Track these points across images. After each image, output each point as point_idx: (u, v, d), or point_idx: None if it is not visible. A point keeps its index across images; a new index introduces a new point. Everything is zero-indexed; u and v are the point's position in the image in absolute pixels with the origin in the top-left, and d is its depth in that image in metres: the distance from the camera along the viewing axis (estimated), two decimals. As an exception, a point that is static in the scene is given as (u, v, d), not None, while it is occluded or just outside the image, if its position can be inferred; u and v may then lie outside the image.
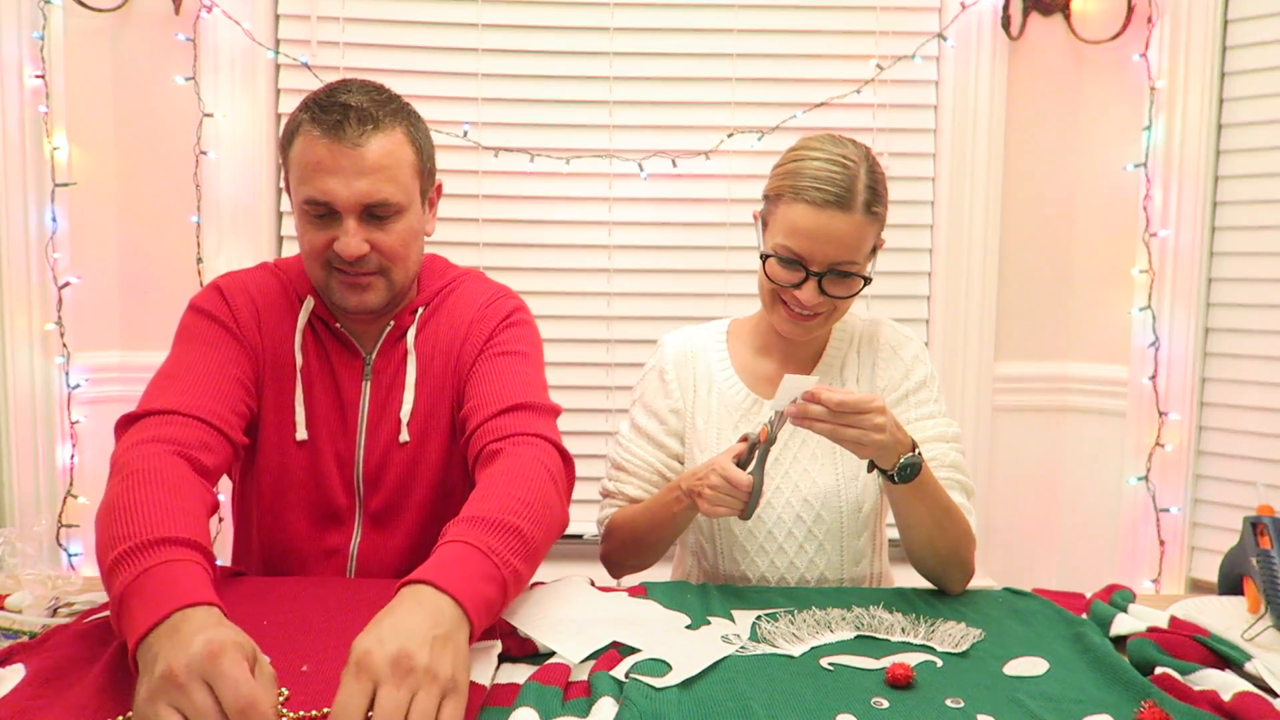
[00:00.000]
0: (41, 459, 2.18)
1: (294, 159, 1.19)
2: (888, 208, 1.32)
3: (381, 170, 1.17)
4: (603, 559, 1.45)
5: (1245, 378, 2.21)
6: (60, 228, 2.17)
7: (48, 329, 2.17)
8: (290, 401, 1.27)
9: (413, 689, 0.79)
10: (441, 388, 1.30)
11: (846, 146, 1.29)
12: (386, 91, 1.24)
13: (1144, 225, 2.30)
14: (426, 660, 0.80)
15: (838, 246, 1.25)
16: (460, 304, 1.34)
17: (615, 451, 1.45)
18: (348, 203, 1.17)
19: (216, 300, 1.27)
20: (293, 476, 1.27)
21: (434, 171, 1.30)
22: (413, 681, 0.79)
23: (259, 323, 1.27)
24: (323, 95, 1.18)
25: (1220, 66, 2.21)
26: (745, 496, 1.19)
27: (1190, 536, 2.29)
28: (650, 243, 2.39)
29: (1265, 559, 1.11)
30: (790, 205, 1.26)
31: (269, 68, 2.29)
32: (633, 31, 2.34)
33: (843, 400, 1.13)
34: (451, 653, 0.84)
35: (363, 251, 1.18)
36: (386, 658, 0.79)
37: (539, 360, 1.34)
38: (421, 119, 1.28)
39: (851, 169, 1.25)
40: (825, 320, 1.33)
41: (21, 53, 2.11)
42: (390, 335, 1.30)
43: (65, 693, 0.88)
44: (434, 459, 1.29)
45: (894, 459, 1.17)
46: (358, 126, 1.15)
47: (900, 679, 0.95)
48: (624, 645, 1.02)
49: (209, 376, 1.18)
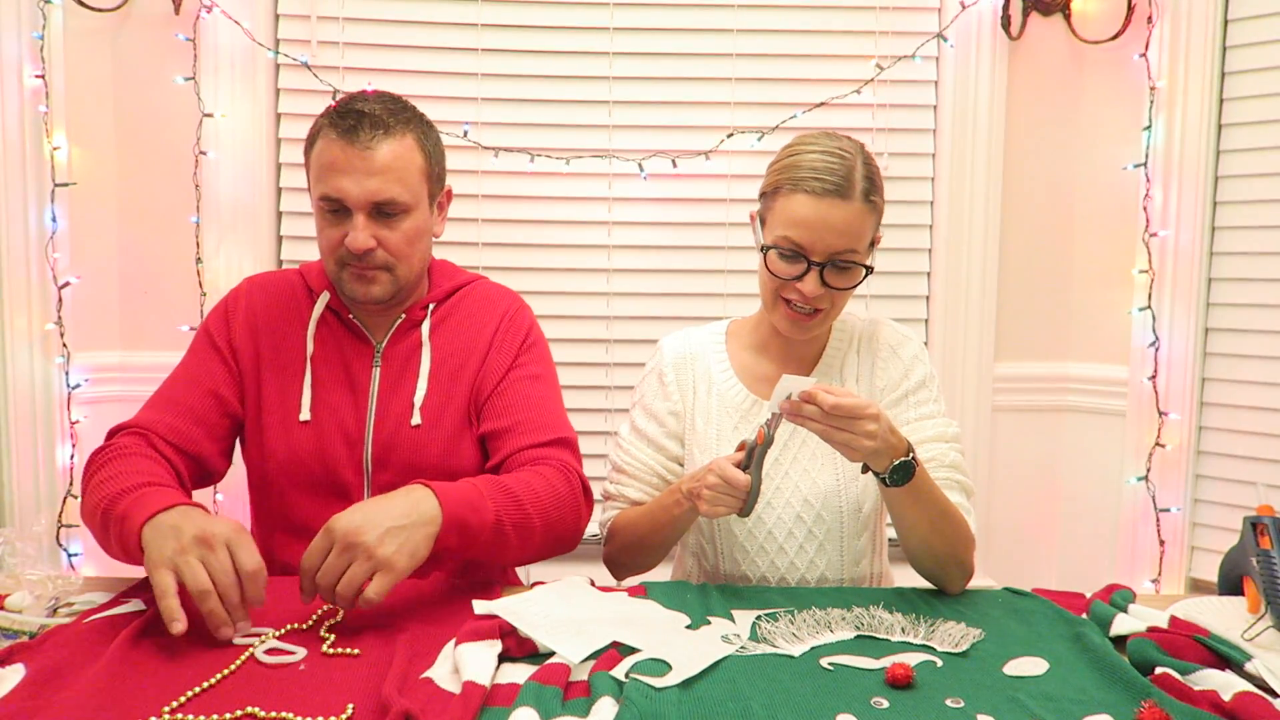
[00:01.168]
0: (41, 459, 2.18)
1: (313, 160, 1.32)
2: (884, 200, 1.33)
3: (390, 171, 1.28)
4: (605, 561, 1.45)
5: (1245, 378, 2.21)
6: (60, 228, 2.17)
7: (48, 329, 2.17)
8: (298, 387, 1.37)
9: (349, 559, 1.04)
10: (456, 384, 1.39)
11: (841, 140, 1.32)
12: (402, 101, 1.36)
13: (1144, 225, 2.29)
14: (371, 540, 1.04)
15: (838, 235, 1.26)
16: (478, 308, 1.45)
17: (616, 454, 1.46)
18: (358, 200, 1.28)
19: (219, 319, 1.42)
20: (299, 455, 1.36)
21: (443, 177, 1.41)
22: (350, 554, 1.04)
23: (258, 327, 1.40)
24: (343, 103, 1.32)
25: (1220, 66, 2.21)
26: (744, 495, 1.20)
27: (1190, 536, 2.29)
28: (650, 243, 2.39)
29: (1265, 559, 1.11)
30: (790, 197, 1.28)
31: (269, 68, 2.29)
32: (633, 31, 2.34)
33: (838, 403, 1.13)
34: (399, 540, 1.06)
35: (370, 245, 1.29)
36: (342, 529, 1.05)
37: (555, 377, 1.47)
38: (434, 128, 1.39)
39: (848, 159, 1.28)
40: (824, 318, 1.33)
41: (21, 53, 2.11)
42: (402, 326, 1.40)
43: (65, 693, 0.88)
44: (442, 444, 1.37)
45: (886, 462, 1.17)
46: (370, 131, 1.28)
47: (900, 679, 0.96)
48: (624, 645, 1.02)
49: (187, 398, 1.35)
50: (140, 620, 1.04)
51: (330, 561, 1.03)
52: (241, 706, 0.88)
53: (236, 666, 0.96)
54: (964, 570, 1.28)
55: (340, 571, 1.03)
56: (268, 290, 1.44)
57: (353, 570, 1.03)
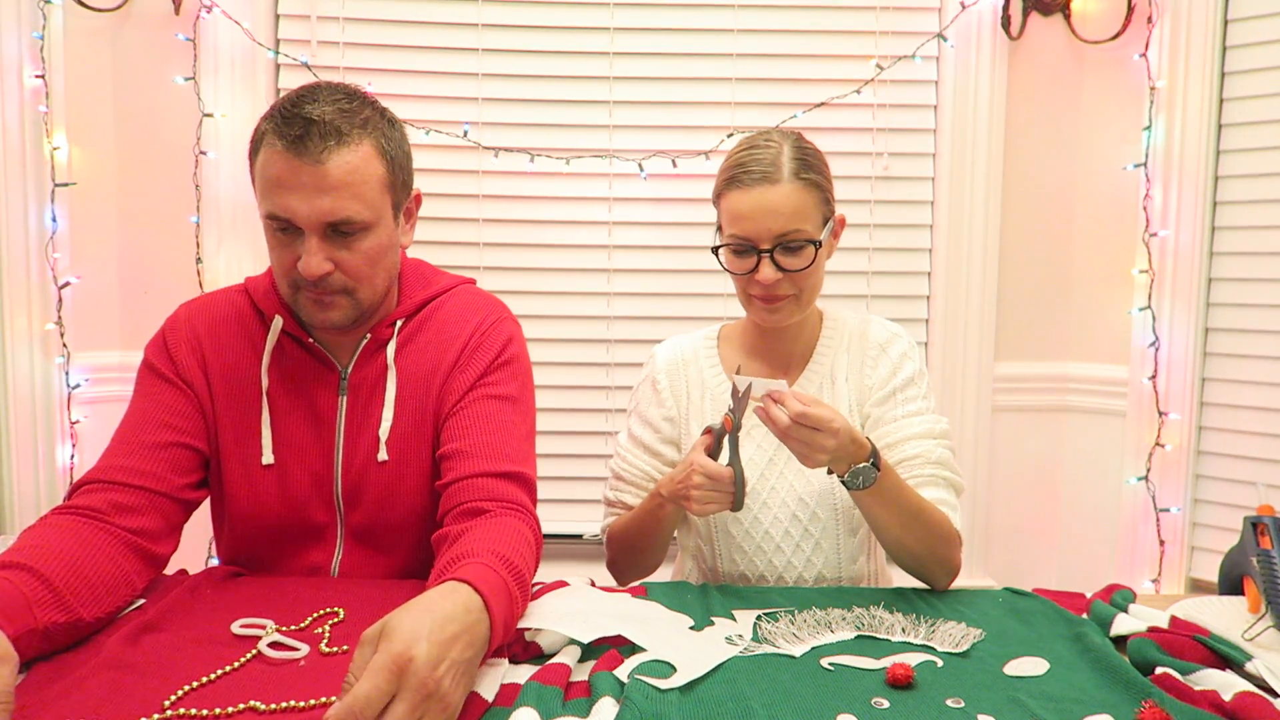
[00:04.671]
0: (41, 459, 2.18)
1: (258, 171, 1.15)
2: (830, 180, 1.35)
3: (345, 187, 1.12)
4: (608, 567, 1.47)
5: (1245, 378, 2.21)
6: (60, 228, 2.17)
7: (48, 329, 2.17)
8: (256, 426, 1.23)
9: (424, 711, 0.81)
10: (423, 408, 1.25)
11: (770, 133, 1.36)
12: (358, 98, 1.16)
13: (1144, 225, 2.30)
14: (447, 686, 0.83)
15: (775, 217, 1.28)
16: (449, 322, 1.29)
17: (615, 462, 1.48)
18: (309, 220, 1.12)
19: (158, 349, 1.26)
20: (264, 500, 1.23)
21: (409, 182, 1.23)
22: (426, 705, 0.81)
23: (205, 359, 1.24)
24: (288, 104, 1.12)
25: (1220, 66, 2.21)
26: (730, 488, 1.21)
27: (1190, 536, 2.29)
28: (650, 243, 2.39)
29: (1265, 559, 1.11)
30: (727, 196, 1.32)
31: (269, 68, 2.29)
32: (633, 31, 2.34)
33: (803, 412, 1.15)
34: (465, 680, 0.87)
35: (325, 271, 1.13)
36: (420, 669, 0.80)
37: (529, 405, 1.31)
38: (396, 125, 1.21)
39: (773, 147, 1.31)
40: (797, 303, 1.34)
41: (21, 53, 2.11)
42: (367, 348, 1.25)
43: (65, 693, 0.88)
44: (415, 480, 1.25)
45: (845, 467, 1.20)
46: (320, 141, 1.10)
47: (900, 679, 0.96)
48: (626, 645, 1.02)
49: (144, 437, 1.19)
50: (141, 618, 1.04)
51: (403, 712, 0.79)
52: (243, 700, 0.88)
53: (240, 664, 0.96)
54: (946, 567, 1.28)
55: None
56: (211, 314, 1.27)
57: None
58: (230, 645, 1.01)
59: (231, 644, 1.01)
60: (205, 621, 1.07)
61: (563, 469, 2.40)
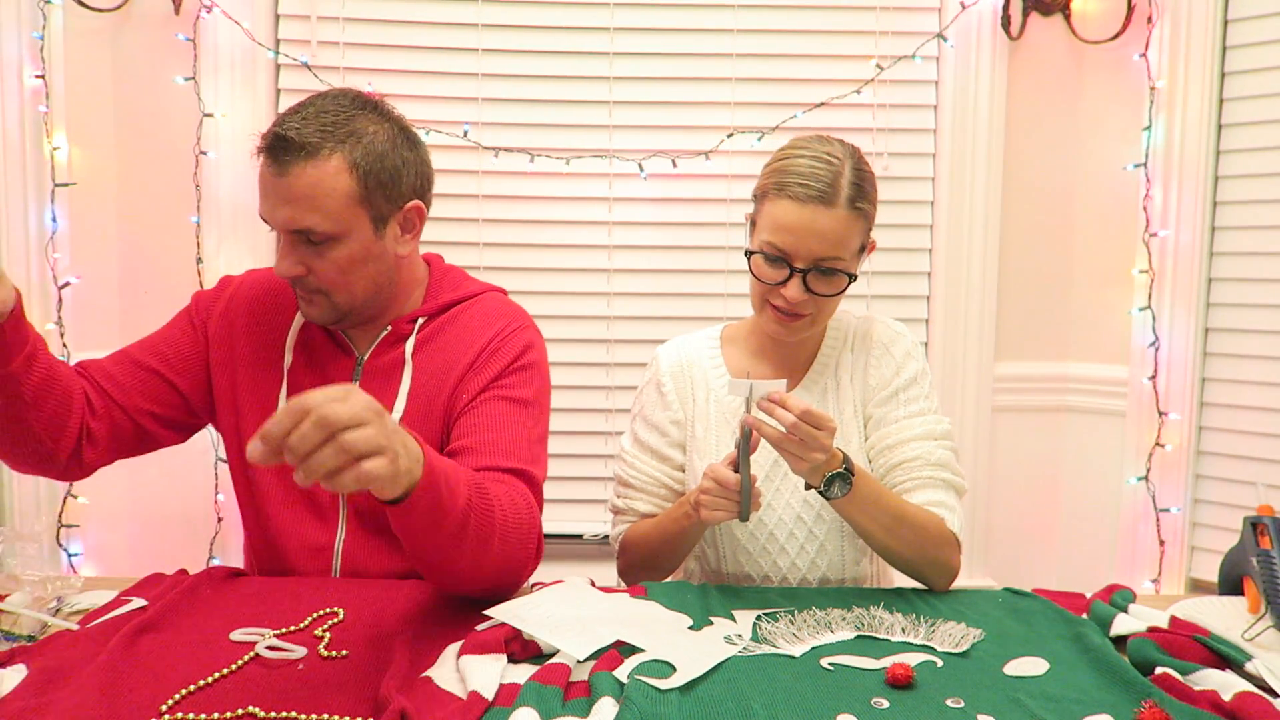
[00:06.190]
0: (41, 459, 2.18)
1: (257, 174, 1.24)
2: (876, 206, 1.33)
3: (304, 200, 1.17)
4: (620, 575, 1.46)
5: (1245, 378, 2.21)
6: (60, 228, 2.17)
7: (48, 329, 2.16)
8: (274, 399, 1.29)
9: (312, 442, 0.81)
10: (434, 404, 1.27)
11: (833, 145, 1.30)
12: (347, 111, 1.20)
13: (1144, 225, 2.29)
14: (352, 437, 0.83)
15: (821, 241, 1.26)
16: (472, 326, 1.32)
17: (621, 468, 1.46)
18: (278, 226, 1.21)
19: (201, 296, 1.38)
20: (276, 472, 1.29)
21: (398, 196, 1.23)
22: (315, 434, 0.81)
23: (236, 325, 1.33)
24: (285, 113, 1.20)
25: (1220, 66, 2.21)
26: (735, 496, 1.20)
27: (1190, 536, 2.29)
28: (650, 243, 2.39)
29: (1265, 559, 1.11)
30: (775, 202, 1.27)
31: (269, 68, 2.29)
32: (633, 31, 2.34)
33: (808, 409, 1.15)
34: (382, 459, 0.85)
35: (295, 273, 1.21)
36: (314, 395, 0.82)
37: (543, 411, 1.32)
38: (397, 140, 1.23)
39: (836, 165, 1.27)
40: (812, 322, 1.33)
41: (21, 53, 2.11)
42: (386, 339, 1.30)
43: (66, 694, 0.88)
44: None
45: (820, 476, 1.20)
46: (285, 155, 1.16)
47: (900, 679, 0.96)
48: (626, 645, 1.02)
49: (136, 355, 1.31)
50: (140, 619, 1.04)
51: (305, 431, 0.81)
52: (242, 706, 0.88)
53: (237, 667, 0.96)
54: (940, 569, 1.28)
55: (315, 446, 0.81)
56: (261, 287, 1.36)
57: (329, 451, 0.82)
58: (228, 648, 1.01)
59: (230, 646, 1.01)
60: (204, 622, 1.07)
61: (563, 469, 2.40)
